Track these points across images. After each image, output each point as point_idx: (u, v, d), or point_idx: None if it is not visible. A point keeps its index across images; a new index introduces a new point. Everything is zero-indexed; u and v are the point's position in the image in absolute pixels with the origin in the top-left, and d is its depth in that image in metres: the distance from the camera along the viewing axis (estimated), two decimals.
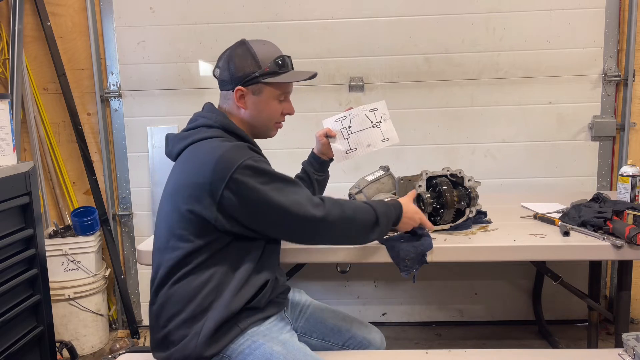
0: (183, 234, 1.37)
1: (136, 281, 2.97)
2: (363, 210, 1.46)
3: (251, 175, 1.32)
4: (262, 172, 1.34)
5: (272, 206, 1.33)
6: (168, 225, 1.42)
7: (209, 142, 1.40)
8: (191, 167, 1.38)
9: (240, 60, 1.46)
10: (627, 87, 2.65)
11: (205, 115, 1.48)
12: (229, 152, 1.34)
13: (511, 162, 2.78)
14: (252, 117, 1.49)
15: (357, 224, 1.44)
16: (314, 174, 1.82)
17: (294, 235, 1.44)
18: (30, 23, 2.75)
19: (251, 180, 1.32)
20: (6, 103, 1.98)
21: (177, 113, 2.78)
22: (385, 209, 1.51)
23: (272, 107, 1.50)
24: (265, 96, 1.47)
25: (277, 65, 1.46)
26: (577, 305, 2.81)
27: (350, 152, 1.77)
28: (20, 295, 1.99)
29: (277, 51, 1.49)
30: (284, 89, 1.50)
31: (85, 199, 2.90)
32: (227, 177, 1.31)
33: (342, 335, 1.64)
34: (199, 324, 1.35)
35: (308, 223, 1.37)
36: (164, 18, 2.75)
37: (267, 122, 1.51)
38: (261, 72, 1.44)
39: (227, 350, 1.37)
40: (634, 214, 1.70)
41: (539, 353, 1.72)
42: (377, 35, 2.71)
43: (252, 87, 1.46)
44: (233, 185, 1.31)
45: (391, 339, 2.75)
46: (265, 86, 1.46)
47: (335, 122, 1.79)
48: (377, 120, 1.79)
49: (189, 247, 1.37)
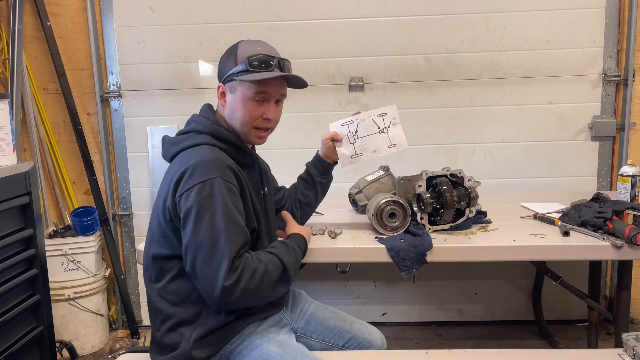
0: (162, 240, 1.38)
1: (136, 281, 2.97)
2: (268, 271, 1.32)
3: (204, 196, 1.27)
4: (213, 197, 1.28)
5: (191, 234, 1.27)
6: (152, 231, 1.43)
7: (194, 150, 1.38)
8: (172, 176, 1.37)
9: (225, 59, 1.47)
10: (627, 87, 2.65)
11: (197, 120, 1.47)
12: (201, 164, 1.31)
13: (511, 162, 2.78)
14: (229, 117, 1.47)
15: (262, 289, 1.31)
16: (318, 177, 1.81)
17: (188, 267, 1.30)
18: (30, 23, 2.75)
19: (197, 199, 1.27)
20: (6, 103, 1.98)
21: (177, 113, 2.78)
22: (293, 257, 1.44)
23: (247, 107, 1.43)
24: (239, 94, 1.43)
25: (250, 63, 1.41)
26: (577, 305, 2.81)
27: (356, 157, 1.77)
28: (20, 295, 1.99)
29: (261, 50, 1.43)
30: (257, 88, 1.41)
31: (85, 199, 2.90)
32: (189, 186, 1.29)
33: (343, 336, 1.64)
34: (190, 327, 1.36)
35: (208, 277, 1.24)
36: (164, 18, 2.74)
37: (242, 123, 1.44)
38: (236, 69, 1.43)
39: (224, 351, 1.38)
40: (634, 214, 1.70)
41: (539, 353, 1.72)
42: (377, 35, 2.71)
43: (229, 85, 1.45)
44: (187, 195, 1.29)
45: (391, 339, 2.74)
46: (238, 84, 1.43)
47: (342, 126, 1.78)
48: (386, 125, 1.78)
49: (171, 254, 1.37)
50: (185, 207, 1.29)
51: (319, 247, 1.69)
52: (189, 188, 1.29)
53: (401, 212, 1.76)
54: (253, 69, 1.41)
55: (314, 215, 2.05)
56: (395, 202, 1.76)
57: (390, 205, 1.75)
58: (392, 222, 1.76)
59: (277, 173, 1.82)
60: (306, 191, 1.81)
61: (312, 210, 1.87)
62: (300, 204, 1.81)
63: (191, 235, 1.27)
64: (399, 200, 1.76)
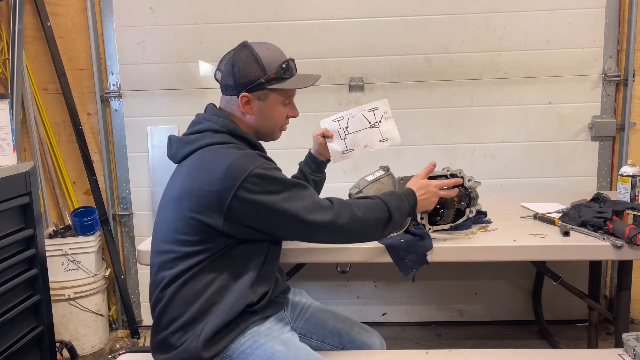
0: (186, 239, 1.37)
1: (136, 281, 2.97)
2: (374, 208, 1.46)
3: (260, 184, 1.31)
4: (271, 180, 1.33)
5: (281, 214, 1.33)
6: (170, 229, 1.40)
7: (217, 149, 1.38)
8: (198, 174, 1.37)
9: (244, 65, 1.43)
10: (627, 87, 2.65)
11: (210, 119, 1.46)
12: (238, 160, 1.32)
13: (511, 162, 2.78)
14: (258, 123, 1.48)
15: (369, 223, 1.44)
16: (311, 175, 1.80)
17: (305, 238, 1.47)
18: (30, 23, 2.75)
19: (259, 189, 1.31)
20: (6, 103, 1.98)
21: (177, 113, 2.78)
22: (398, 202, 1.49)
23: (278, 112, 1.49)
24: (271, 102, 1.46)
25: (282, 70, 1.44)
26: (577, 305, 2.81)
27: (347, 152, 1.76)
28: (20, 295, 1.99)
29: (282, 55, 1.48)
30: (289, 93, 1.50)
31: (85, 199, 2.91)
32: (236, 185, 1.29)
33: (342, 337, 1.64)
34: (199, 326, 1.35)
35: (318, 227, 1.37)
36: (164, 18, 2.74)
37: (273, 127, 1.51)
38: (267, 78, 1.43)
39: (228, 351, 1.37)
40: (634, 214, 1.70)
41: (539, 353, 1.72)
42: (377, 35, 2.71)
43: (257, 93, 1.45)
44: (241, 194, 1.30)
45: (391, 339, 2.75)
46: (271, 92, 1.45)
47: (332, 122, 1.78)
48: (377, 120, 1.76)
49: (190, 253, 1.36)
50: (249, 203, 1.31)
51: (319, 247, 1.69)
52: (239, 186, 1.30)
53: None
54: (286, 75, 1.46)
55: None
56: None
57: None
58: None
59: None
60: None
61: None
62: None
63: (276, 218, 1.34)
64: None
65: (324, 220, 1.36)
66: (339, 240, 1.48)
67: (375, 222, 1.45)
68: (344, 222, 1.39)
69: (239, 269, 1.39)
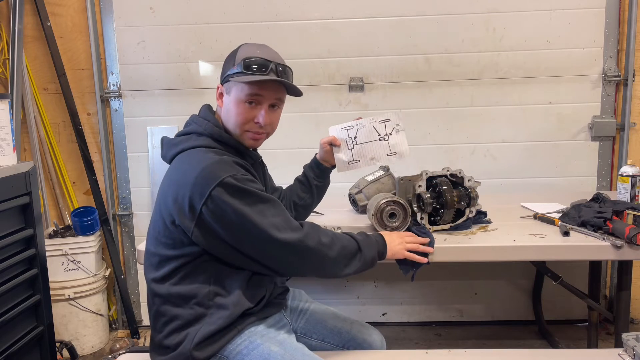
0: (167, 242, 1.38)
1: (136, 281, 2.97)
2: (343, 238, 1.44)
3: (230, 193, 1.29)
4: (241, 191, 1.31)
5: (249, 226, 1.30)
6: (155, 231, 1.42)
7: (195, 153, 1.38)
8: (176, 177, 1.37)
9: (226, 61, 1.48)
10: (627, 87, 2.65)
11: (197, 122, 1.47)
12: (211, 167, 1.31)
13: (511, 162, 2.78)
14: (224, 117, 1.47)
15: (335, 250, 1.40)
16: (314, 180, 1.79)
17: (267, 260, 1.37)
18: (30, 23, 2.75)
19: (229, 199, 1.29)
20: (6, 103, 1.98)
21: (177, 113, 2.79)
22: (367, 239, 1.49)
23: (239, 109, 1.42)
24: (233, 95, 1.43)
25: (246, 65, 1.40)
26: (577, 305, 2.81)
27: (353, 163, 1.74)
28: (20, 295, 1.99)
29: (260, 54, 1.42)
30: (249, 90, 1.40)
31: (85, 199, 2.91)
32: (205, 193, 1.28)
33: (342, 336, 1.64)
34: (194, 328, 1.36)
35: (284, 247, 1.33)
36: (164, 18, 2.75)
37: (234, 125, 1.44)
38: (233, 70, 1.43)
39: (225, 351, 1.37)
40: (633, 214, 1.70)
41: (539, 353, 1.72)
42: (377, 35, 2.71)
43: (225, 85, 1.46)
44: (210, 203, 1.29)
45: (391, 339, 2.75)
46: (233, 85, 1.43)
47: (341, 131, 1.76)
48: (387, 132, 1.74)
49: (173, 256, 1.37)
50: (217, 212, 1.29)
51: None
52: (209, 194, 1.28)
53: (401, 212, 1.76)
54: (248, 71, 1.40)
55: (314, 215, 2.05)
56: (396, 202, 1.75)
57: (391, 205, 1.75)
58: (393, 222, 1.76)
59: (277, 173, 1.82)
60: (302, 193, 1.80)
61: (308, 213, 1.86)
62: (296, 206, 1.80)
63: (244, 230, 1.31)
64: (399, 201, 1.76)
65: (292, 239, 1.33)
66: (303, 266, 1.40)
67: (342, 253, 1.42)
68: (312, 244, 1.36)
69: (229, 273, 1.39)
